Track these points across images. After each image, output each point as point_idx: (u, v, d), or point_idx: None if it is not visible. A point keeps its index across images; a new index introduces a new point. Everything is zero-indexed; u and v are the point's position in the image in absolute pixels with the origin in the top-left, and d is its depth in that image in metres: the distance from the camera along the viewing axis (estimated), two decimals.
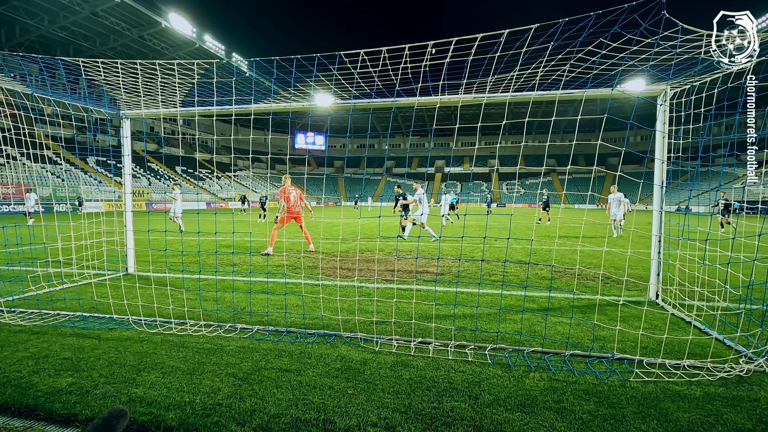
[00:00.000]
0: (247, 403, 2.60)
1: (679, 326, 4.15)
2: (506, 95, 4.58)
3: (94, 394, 2.69)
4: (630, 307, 4.71)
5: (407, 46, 3.56)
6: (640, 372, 3.07)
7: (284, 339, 3.73)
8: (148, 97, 5.56)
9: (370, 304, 4.83)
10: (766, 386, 2.87)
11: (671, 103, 4.72)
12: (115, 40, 44.42)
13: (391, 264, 7.81)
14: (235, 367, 3.14)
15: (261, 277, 6.48)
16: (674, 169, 4.87)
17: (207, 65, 4.61)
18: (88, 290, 5.43)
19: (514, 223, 21.41)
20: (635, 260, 8.15)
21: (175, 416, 2.45)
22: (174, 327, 4.01)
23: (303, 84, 5.09)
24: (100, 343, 3.61)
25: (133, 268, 6.69)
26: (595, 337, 3.79)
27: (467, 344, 3.59)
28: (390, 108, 4.74)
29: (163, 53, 47.65)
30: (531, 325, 4.16)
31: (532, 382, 2.93)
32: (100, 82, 5.33)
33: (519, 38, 3.30)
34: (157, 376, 2.97)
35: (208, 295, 5.26)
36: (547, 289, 5.62)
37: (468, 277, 6.68)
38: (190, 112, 5.70)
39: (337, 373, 3.05)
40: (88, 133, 8.61)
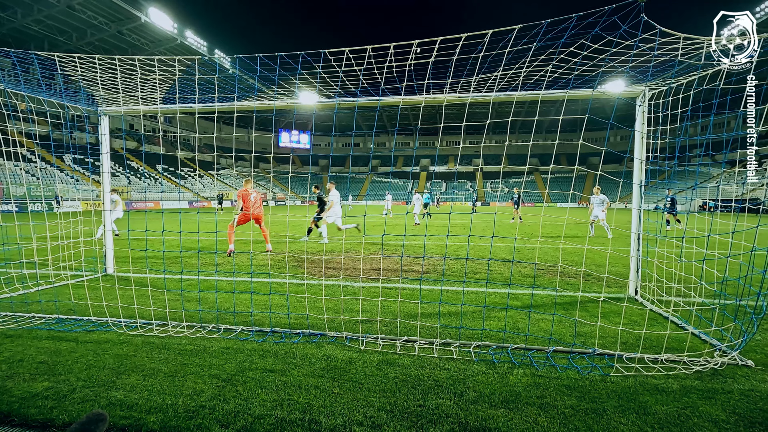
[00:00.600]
0: (230, 405, 2.57)
1: (657, 321, 4.26)
2: (490, 95, 4.62)
3: (71, 399, 2.62)
4: (610, 304, 4.82)
5: (392, 45, 3.56)
6: (620, 366, 3.15)
7: (269, 339, 3.70)
8: (128, 93, 5.43)
9: (356, 303, 4.82)
10: (740, 379, 2.97)
11: (650, 104, 4.83)
12: (92, 34, 43.24)
13: (376, 263, 7.81)
14: (218, 368, 3.10)
15: (245, 276, 6.41)
16: (652, 169, 5.00)
17: (188, 61, 4.53)
18: (65, 292, 5.28)
19: (498, 221, 21.65)
20: (615, 258, 8.33)
21: (156, 419, 2.40)
22: (155, 328, 3.93)
23: (287, 82, 5.04)
24: (77, 345, 3.51)
25: (112, 269, 6.53)
26: (577, 333, 3.87)
27: (452, 342, 3.62)
28: (375, 107, 4.74)
29: (143, 49, 46.61)
30: (515, 322, 4.21)
31: (516, 378, 2.97)
32: (76, 78, 5.18)
33: (503, 38, 3.33)
34: (138, 378, 2.91)
35: (191, 295, 5.17)
36: (530, 287, 5.70)
37: (453, 276, 6.73)
38: (171, 109, 5.59)
39: (323, 372, 3.04)
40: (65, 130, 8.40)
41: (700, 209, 32.10)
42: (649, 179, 4.88)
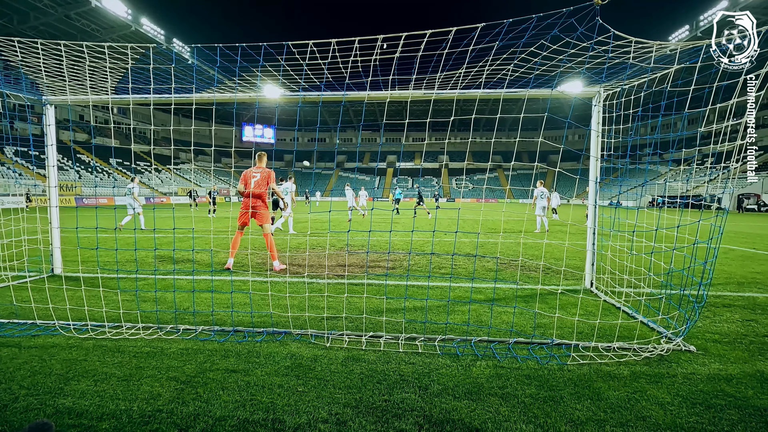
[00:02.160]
0: (190, 408, 2.48)
1: (610, 312, 4.49)
2: (454, 92, 4.68)
3: (13, 408, 2.44)
4: (568, 296, 5.02)
5: (357, 39, 3.53)
6: (576, 356, 3.29)
7: (231, 339, 3.60)
8: (75, 82, 5.10)
9: (321, 300, 4.78)
10: (683, 363, 3.18)
11: (604, 104, 5.06)
12: (36, 18, 40.24)
13: (342, 259, 7.76)
14: (177, 370, 2.98)
15: (205, 275, 6.20)
16: (607, 166, 5.24)
17: (142, 50, 4.30)
18: (5, 294, 4.92)
19: (462, 217, 22.08)
20: (572, 251, 8.70)
21: (109, 426, 2.28)
22: (108, 331, 3.73)
23: (249, 74, 4.89)
24: (20, 351, 3.28)
25: (59, 269, 6.14)
26: (537, 324, 4.01)
27: (417, 336, 3.66)
28: (340, 101, 4.69)
29: (94, 35, 43.90)
30: (478, 315, 4.31)
31: (478, 370, 3.04)
32: (17, 64, 4.80)
33: (466, 36, 3.38)
34: (89, 384, 2.75)
35: (147, 295, 4.94)
36: (492, 281, 5.85)
37: (418, 271, 6.80)
38: (123, 100, 5.29)
39: (287, 371, 2.99)
40: (5, 120, 7.72)
41: (649, 205, 34.05)
42: (603, 176, 5.12)
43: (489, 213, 23.64)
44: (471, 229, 15.07)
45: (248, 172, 6.63)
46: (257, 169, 6.66)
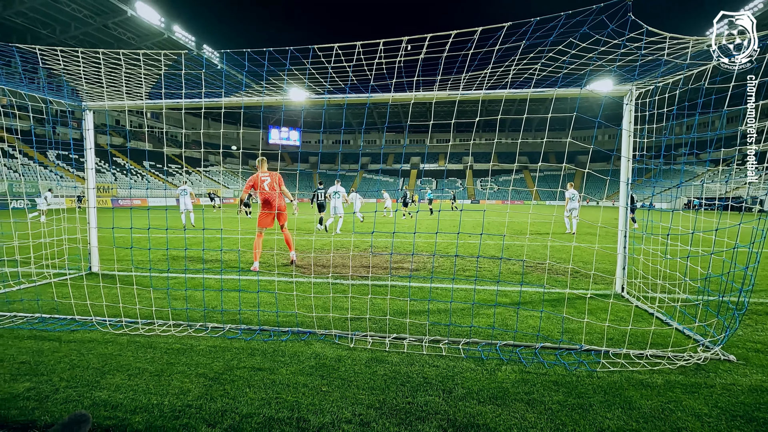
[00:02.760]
0: (218, 404, 2.54)
1: (642, 318, 4.33)
2: (479, 93, 4.63)
3: (54, 399, 2.57)
4: (597, 300, 4.88)
5: (381, 41, 3.54)
6: (606, 362, 3.19)
7: (257, 337, 3.67)
8: (112, 88, 5.33)
9: (345, 300, 4.81)
10: (722, 373, 3.03)
11: (636, 102, 4.89)
12: (76, 27, 42.30)
13: (365, 260, 7.80)
14: (205, 367, 3.06)
15: (233, 275, 6.35)
16: (639, 167, 5.06)
17: (175, 56, 4.45)
18: (47, 290, 5.18)
19: (487, 219, 21.79)
20: (602, 255, 8.44)
21: (141, 419, 2.37)
22: (141, 327, 3.87)
23: (276, 78, 4.99)
24: (60, 345, 3.45)
25: (97, 267, 6.42)
26: (565, 329, 3.91)
27: (441, 339, 3.63)
28: (365, 104, 4.72)
29: (129, 43, 45.78)
30: (503, 319, 4.24)
31: (504, 374, 2.99)
32: (59, 72, 5.06)
33: (492, 36, 3.33)
34: (123, 378, 2.86)
35: (178, 294, 5.10)
36: (518, 284, 5.74)
37: (442, 273, 6.75)
38: (157, 104, 5.49)
39: (312, 370, 3.02)
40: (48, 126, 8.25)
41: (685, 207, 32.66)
42: (636, 177, 4.95)
43: (514, 215, 23.23)
44: (496, 231, 14.86)
45: (257, 177, 6.72)
46: (264, 173, 6.80)
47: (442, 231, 9.35)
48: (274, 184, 6.75)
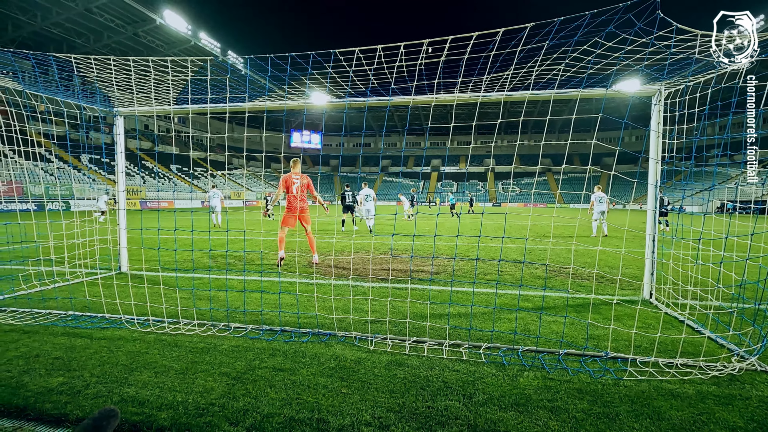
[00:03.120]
0: (240, 403, 2.58)
1: (672, 325, 4.18)
2: (501, 94, 4.58)
3: (85, 394, 2.67)
4: (624, 306, 4.74)
5: (402, 44, 3.55)
6: (633, 371, 3.09)
7: (278, 338, 3.71)
8: (142, 94, 5.51)
9: (365, 303, 4.82)
10: (758, 385, 2.89)
11: (665, 102, 4.74)
12: (109, 37, 44.01)
13: (386, 263, 7.80)
14: (228, 366, 3.12)
15: (255, 275, 6.46)
16: (668, 169, 4.90)
17: (201, 62, 4.58)
18: (80, 289, 5.38)
19: (509, 222, 21.47)
20: (629, 259, 8.19)
21: (167, 416, 2.43)
22: (167, 326, 3.98)
23: (298, 82, 5.06)
24: (91, 342, 3.57)
25: (125, 267, 6.63)
26: (589, 336, 3.81)
27: (462, 343, 3.59)
28: (386, 106, 4.73)
29: (158, 50, 47.31)
30: (525, 324, 4.17)
31: (526, 380, 2.94)
32: (92, 79, 5.27)
33: (514, 37, 3.29)
34: (150, 375, 2.95)
35: (202, 294, 5.22)
36: (541, 288, 5.63)
37: (463, 276, 6.68)
38: (184, 109, 5.65)
39: (332, 372, 3.04)
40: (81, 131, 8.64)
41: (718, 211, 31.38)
42: (665, 180, 4.79)
43: (537, 218, 22.83)
44: (518, 234, 14.62)
45: (288, 177, 7.11)
46: (295, 175, 7.17)
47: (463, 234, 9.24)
48: (302, 186, 7.11)
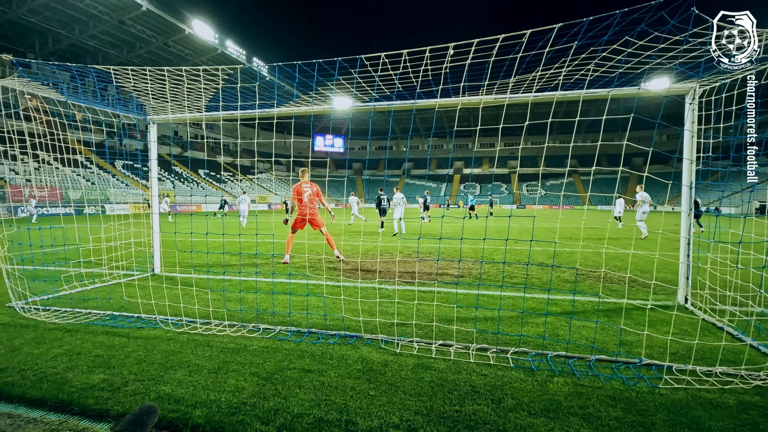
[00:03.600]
0: (270, 403, 2.64)
1: (710, 332, 4.01)
2: (528, 96, 4.52)
3: (124, 391, 2.78)
4: (658, 312, 4.58)
5: (428, 48, 3.56)
6: (669, 378, 2.99)
7: (306, 340, 3.77)
8: (174, 102, 5.72)
9: (391, 305, 4.84)
10: None
11: (700, 101, 4.57)
12: (141, 47, 45.84)
13: (411, 266, 7.79)
14: (258, 366, 3.19)
15: (283, 278, 6.57)
16: (704, 169, 4.72)
17: (231, 70, 4.72)
18: (117, 290, 5.61)
19: (536, 225, 21.07)
20: (663, 263, 7.91)
21: (201, 414, 2.51)
22: (199, 326, 4.10)
23: (323, 87, 5.15)
24: (129, 341, 3.73)
25: (159, 269, 6.88)
26: (622, 341, 3.70)
27: (489, 347, 3.56)
28: (410, 110, 4.75)
29: (187, 59, 48.90)
30: (554, 328, 4.09)
31: (556, 386, 2.88)
32: (128, 89, 5.51)
33: (542, 38, 3.26)
34: (184, 374, 3.05)
35: (232, 295, 5.36)
36: (570, 292, 5.51)
37: (489, 280, 6.61)
38: (214, 116, 5.83)
39: (359, 374, 3.07)
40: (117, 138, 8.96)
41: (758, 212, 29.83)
42: (700, 180, 4.62)
43: (564, 220, 22.30)
44: (544, 237, 14.33)
45: (299, 186, 7.83)
46: (305, 184, 7.88)
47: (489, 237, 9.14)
48: (313, 195, 7.87)
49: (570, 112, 53.51)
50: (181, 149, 59.63)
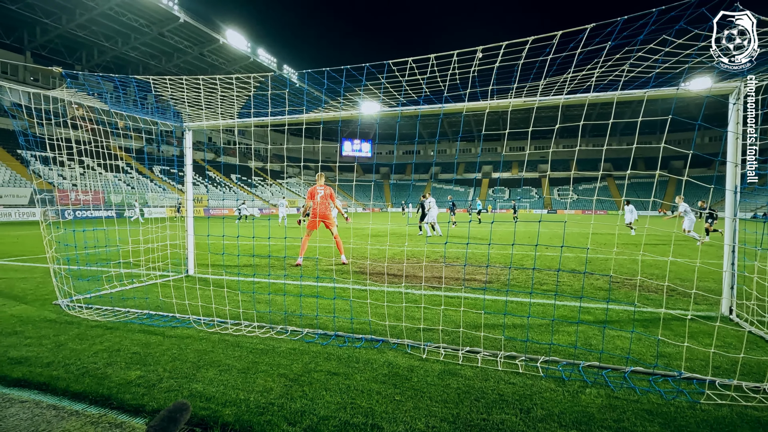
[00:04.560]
0: (297, 404, 2.67)
1: (757, 345, 3.78)
2: (559, 98, 4.42)
3: (159, 388, 2.89)
4: (699, 323, 4.35)
5: (456, 52, 3.55)
6: (711, 394, 2.83)
7: (333, 342, 3.80)
8: (209, 109, 5.93)
9: (417, 310, 4.81)
10: None
11: (745, 100, 4.33)
12: (178, 57, 47.88)
13: (438, 270, 7.74)
14: (286, 368, 3.24)
15: (311, 281, 6.66)
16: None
17: (262, 78, 4.85)
18: (153, 290, 5.84)
19: (567, 230, 20.48)
20: (704, 272, 7.52)
21: (231, 412, 2.57)
22: (230, 327, 4.21)
23: (351, 93, 5.21)
24: (164, 339, 3.87)
25: (193, 270, 7.11)
26: (660, 353, 3.54)
27: (518, 355, 3.48)
28: (437, 114, 4.74)
29: (220, 68, 50.65)
30: (586, 338, 3.95)
31: (588, 398, 2.78)
32: (166, 97, 5.76)
33: (573, 39, 3.18)
34: (215, 373, 3.13)
35: (261, 297, 5.48)
36: (604, 301, 5.32)
37: (518, 286, 6.47)
38: (246, 122, 6.00)
39: (385, 378, 3.06)
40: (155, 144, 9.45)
41: None
42: (745, 184, 4.37)
43: (597, 226, 21.58)
44: (576, 242, 13.91)
45: (314, 189, 8.28)
46: (320, 186, 8.27)
47: (518, 243, 8.95)
48: (325, 196, 8.24)
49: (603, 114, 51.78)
50: (214, 155, 61.62)
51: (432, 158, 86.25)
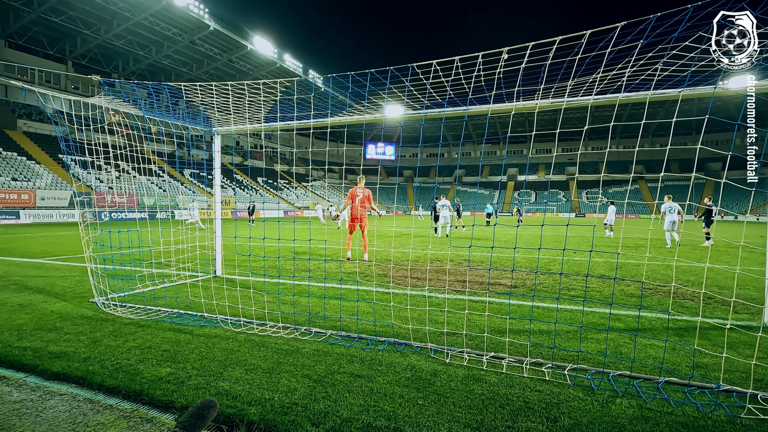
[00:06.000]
0: (320, 405, 2.69)
1: None
2: (588, 99, 4.30)
3: (188, 385, 2.97)
4: (739, 332, 4.14)
5: (480, 54, 3.51)
6: (753, 408, 2.68)
7: (356, 345, 3.82)
8: (237, 114, 6.08)
9: (440, 314, 4.77)
10: None
11: None
12: (208, 64, 49.39)
13: (462, 274, 7.65)
14: (309, 369, 3.27)
15: (334, 283, 6.71)
16: None
17: (288, 83, 4.94)
18: (183, 290, 6.02)
19: (596, 234, 19.90)
20: (744, 279, 7.15)
21: (256, 411, 2.61)
22: (255, 327, 4.29)
23: (376, 96, 5.23)
24: (193, 338, 3.97)
25: (220, 271, 7.29)
26: (696, 364, 3.38)
27: (544, 362, 3.40)
28: (462, 117, 4.69)
29: (248, 73, 51.90)
30: (617, 346, 3.82)
31: (619, 408, 2.69)
32: (196, 103, 5.94)
33: (603, 38, 3.10)
34: (241, 372, 3.19)
35: (286, 298, 5.55)
36: (635, 307, 5.13)
37: (544, 291, 6.33)
38: (272, 126, 6.12)
39: (408, 382, 3.05)
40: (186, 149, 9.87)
41: None
42: None
43: (629, 230, 20.85)
44: (605, 246, 13.48)
45: (354, 191, 9.03)
46: (360, 188, 9.00)
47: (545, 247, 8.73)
48: (364, 199, 8.97)
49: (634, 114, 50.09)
50: (241, 158, 63.09)
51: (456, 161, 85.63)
